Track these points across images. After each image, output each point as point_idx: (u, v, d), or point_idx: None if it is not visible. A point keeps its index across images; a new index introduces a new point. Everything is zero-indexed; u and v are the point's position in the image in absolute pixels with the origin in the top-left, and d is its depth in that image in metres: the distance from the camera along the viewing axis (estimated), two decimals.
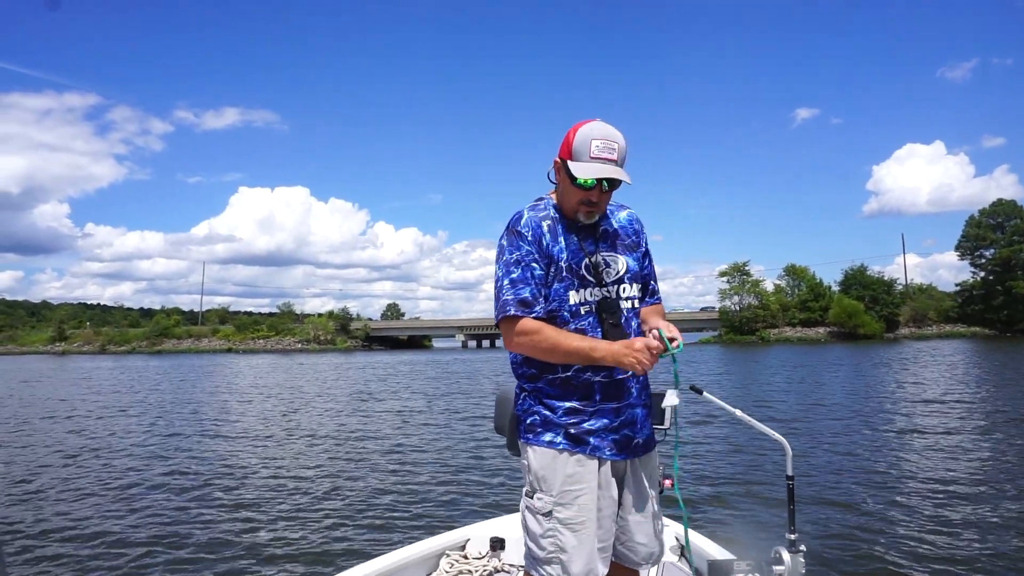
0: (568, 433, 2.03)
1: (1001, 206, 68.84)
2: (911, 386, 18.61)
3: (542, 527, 2.01)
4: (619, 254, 2.16)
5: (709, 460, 8.96)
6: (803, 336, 65.70)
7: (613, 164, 1.99)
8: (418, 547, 3.37)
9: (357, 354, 63.85)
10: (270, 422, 14.25)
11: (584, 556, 1.97)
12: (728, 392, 18.34)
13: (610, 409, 2.06)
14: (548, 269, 2.07)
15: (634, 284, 2.16)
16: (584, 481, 2.01)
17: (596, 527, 2.01)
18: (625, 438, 2.09)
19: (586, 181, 1.99)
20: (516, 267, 2.05)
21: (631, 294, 2.14)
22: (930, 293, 73.29)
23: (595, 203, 2.05)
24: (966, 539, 5.61)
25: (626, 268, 2.15)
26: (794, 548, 2.38)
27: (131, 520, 6.70)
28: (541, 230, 2.07)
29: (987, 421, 11.93)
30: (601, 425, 2.05)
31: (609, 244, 2.16)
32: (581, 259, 2.08)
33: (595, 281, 2.08)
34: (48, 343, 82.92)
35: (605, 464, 2.06)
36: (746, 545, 2.75)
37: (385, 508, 7.00)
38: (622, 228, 2.22)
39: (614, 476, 2.09)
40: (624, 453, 2.09)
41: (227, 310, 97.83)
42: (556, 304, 2.06)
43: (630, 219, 2.26)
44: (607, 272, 2.11)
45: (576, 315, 2.05)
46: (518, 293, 2.03)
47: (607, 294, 2.09)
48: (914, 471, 8.11)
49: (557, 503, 2.00)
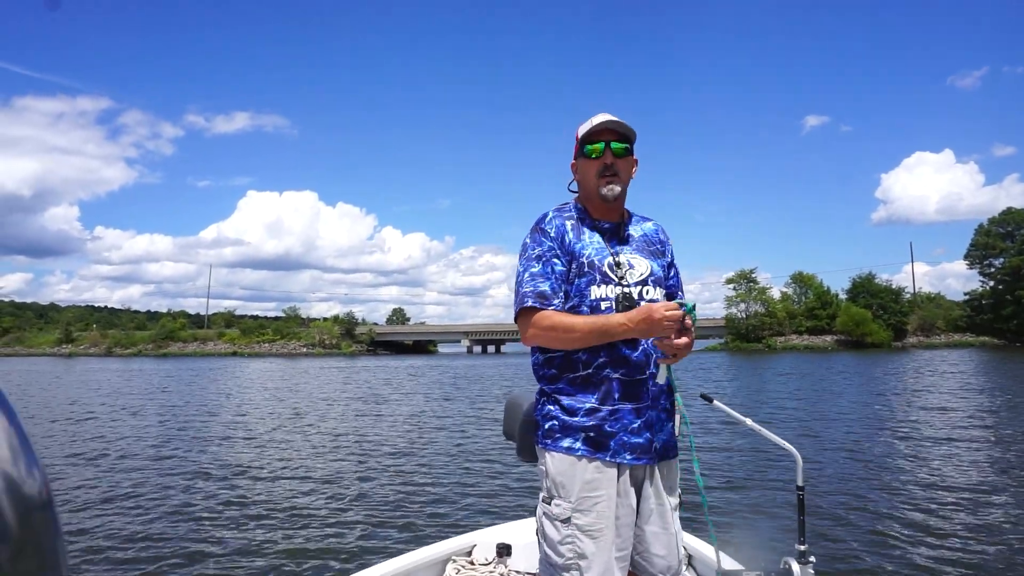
0: (587, 437, 2.01)
1: (1011, 215, 68.46)
2: (921, 395, 18.46)
3: (560, 534, 1.99)
4: (644, 257, 2.18)
5: (719, 469, 8.90)
6: (810, 344, 65.39)
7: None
8: (424, 552, 3.34)
9: (361, 359, 63.90)
10: (273, 426, 14.25)
11: (602, 563, 1.95)
12: (736, 400, 18.24)
13: (630, 410, 2.03)
14: (570, 266, 2.10)
15: (657, 288, 2.15)
16: (603, 488, 1.99)
17: (615, 535, 1.98)
18: (647, 441, 2.04)
19: (595, 147, 2.13)
20: (537, 262, 2.10)
21: (653, 297, 2.12)
22: (938, 302, 72.94)
23: (610, 167, 2.13)
24: (981, 552, 5.53)
25: (650, 271, 2.16)
26: (803, 559, 2.37)
27: (132, 522, 6.69)
28: (564, 228, 2.14)
29: (1000, 432, 11.80)
30: (620, 427, 2.02)
31: (634, 247, 2.20)
32: (605, 256, 2.12)
33: (617, 279, 2.10)
34: (55, 345, 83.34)
35: (625, 471, 2.03)
36: (755, 555, 2.72)
37: (391, 513, 6.96)
38: (647, 235, 2.27)
39: (633, 484, 2.05)
40: (645, 457, 2.04)
41: (233, 314, 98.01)
42: (577, 299, 2.08)
43: (656, 229, 2.31)
44: (630, 273, 2.12)
45: (596, 310, 2.06)
46: (537, 286, 2.06)
47: (628, 292, 2.09)
48: (927, 483, 8.02)
49: (576, 509, 1.98)
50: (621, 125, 2.13)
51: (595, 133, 2.15)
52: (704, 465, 9.05)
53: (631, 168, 2.20)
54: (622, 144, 2.15)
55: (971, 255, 70.22)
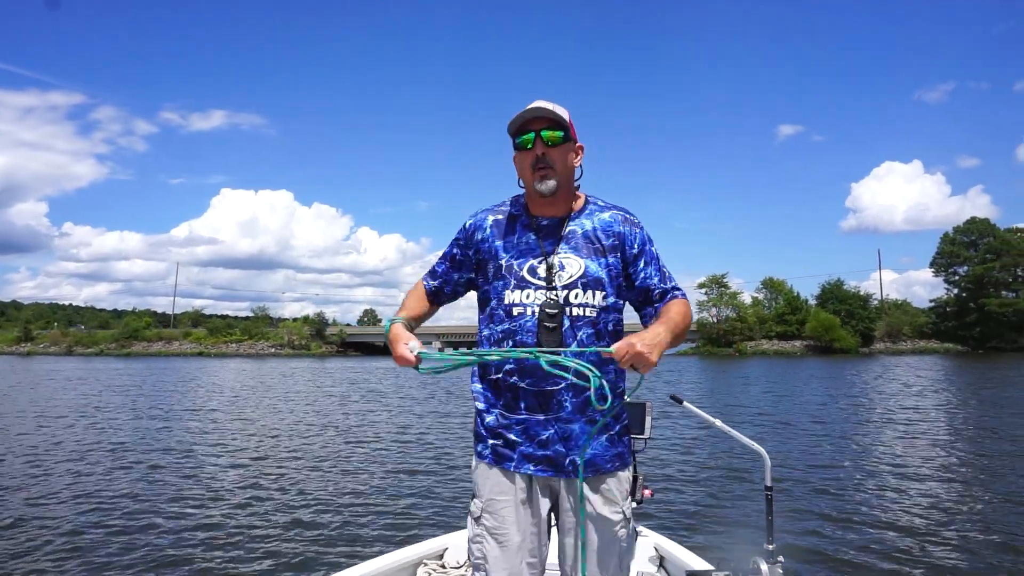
0: (493, 445, 1.98)
1: (975, 224, 70.21)
2: (886, 399, 18.78)
3: (472, 532, 2.01)
4: (580, 257, 1.98)
5: (688, 470, 8.89)
6: (779, 349, 66.27)
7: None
8: (395, 556, 3.31)
9: (330, 360, 63.32)
10: (232, 430, 13.94)
11: (505, 568, 1.92)
12: (707, 403, 18.34)
13: (537, 421, 1.93)
14: (476, 259, 2.10)
15: (592, 291, 1.95)
16: (507, 494, 1.95)
17: (520, 540, 1.93)
18: (557, 454, 1.92)
19: (527, 137, 1.97)
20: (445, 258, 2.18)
21: (584, 301, 1.94)
22: (905, 309, 74.41)
23: (542, 158, 1.96)
24: (943, 546, 5.60)
25: (582, 272, 1.96)
26: (772, 559, 2.43)
27: (82, 535, 6.41)
28: (483, 224, 2.09)
29: (960, 434, 12.06)
30: (526, 437, 1.94)
31: (572, 245, 2.00)
32: (527, 259, 1.99)
33: (545, 283, 1.95)
34: (13, 343, 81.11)
35: (533, 480, 1.96)
36: (724, 556, 2.72)
37: (361, 517, 6.80)
38: (597, 230, 2.03)
39: (547, 495, 1.98)
40: (551, 471, 1.93)
41: (200, 312, 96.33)
42: (495, 302, 2.02)
43: (612, 220, 2.05)
44: (560, 275, 1.95)
45: (510, 315, 1.96)
46: (428, 279, 2.21)
47: (553, 298, 1.93)
48: (892, 483, 8.12)
49: (485, 510, 1.98)
50: (552, 112, 1.93)
51: (525, 123, 1.98)
52: (673, 466, 9.04)
53: (570, 156, 2.00)
54: (555, 132, 1.95)
55: (937, 263, 71.81)
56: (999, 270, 66.75)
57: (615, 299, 2.01)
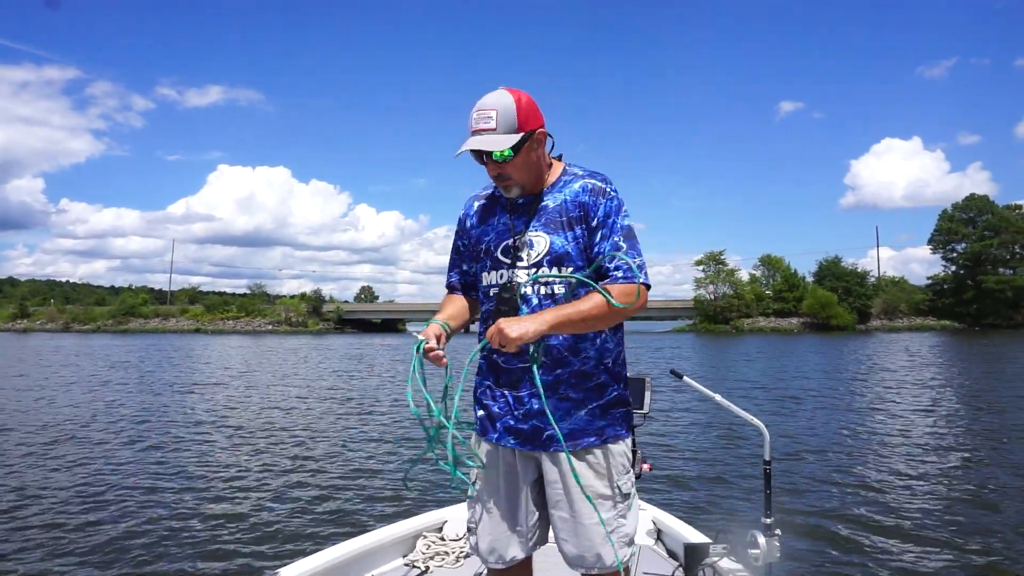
0: (480, 417, 2.05)
1: (973, 201, 70.18)
2: (883, 375, 18.84)
3: (470, 496, 2.09)
4: (547, 233, 1.92)
5: (687, 444, 8.90)
6: (776, 326, 66.50)
7: (489, 133, 1.85)
8: (395, 528, 3.31)
9: (328, 336, 63.43)
10: (233, 403, 13.94)
11: (489, 534, 2.00)
12: (705, 378, 18.38)
13: (515, 397, 1.96)
14: (471, 246, 2.11)
15: (558, 267, 1.89)
16: (493, 465, 2.02)
17: (505, 509, 2.00)
18: (532, 429, 1.92)
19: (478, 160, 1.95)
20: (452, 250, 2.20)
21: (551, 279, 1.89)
22: (902, 286, 74.51)
23: (499, 176, 1.94)
24: (939, 521, 5.59)
25: (548, 249, 1.90)
26: (770, 532, 2.44)
27: (80, 515, 6.39)
28: (471, 210, 2.12)
29: (954, 409, 12.10)
30: (506, 410, 1.97)
31: (543, 221, 1.94)
32: (503, 240, 1.98)
33: (513, 263, 1.93)
34: (9, 320, 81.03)
35: (514, 453, 1.99)
36: (722, 529, 2.70)
37: (360, 490, 6.79)
38: (567, 202, 1.94)
39: (531, 466, 1.99)
40: (531, 445, 1.94)
41: (197, 289, 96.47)
42: (480, 284, 2.06)
43: (582, 189, 1.95)
44: (528, 254, 1.92)
45: (488, 297, 2.00)
46: (449, 276, 2.20)
47: (512, 277, 1.92)
48: (889, 456, 8.12)
49: (479, 478, 2.05)
50: (492, 141, 1.84)
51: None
52: (672, 441, 9.05)
53: (529, 157, 1.92)
54: (503, 153, 1.86)
55: (935, 240, 71.90)
56: (997, 247, 66.85)
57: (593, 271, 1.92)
